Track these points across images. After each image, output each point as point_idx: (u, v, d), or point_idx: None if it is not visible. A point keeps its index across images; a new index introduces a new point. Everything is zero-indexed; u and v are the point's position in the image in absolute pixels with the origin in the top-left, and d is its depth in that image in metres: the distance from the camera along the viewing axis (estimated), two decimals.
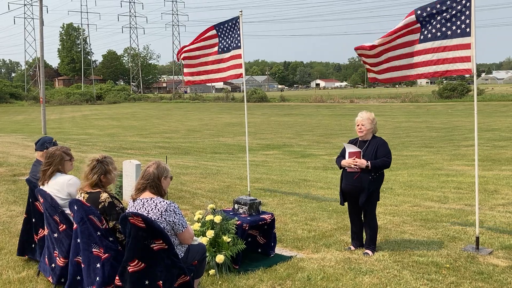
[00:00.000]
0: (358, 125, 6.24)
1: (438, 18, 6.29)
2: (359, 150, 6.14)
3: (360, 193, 6.10)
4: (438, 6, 6.30)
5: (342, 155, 6.32)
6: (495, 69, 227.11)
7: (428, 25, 6.36)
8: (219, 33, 8.98)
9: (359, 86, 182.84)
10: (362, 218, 6.37)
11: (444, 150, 19.63)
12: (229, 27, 8.91)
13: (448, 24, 6.23)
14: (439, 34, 6.29)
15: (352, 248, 6.42)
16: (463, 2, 6.15)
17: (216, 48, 9.08)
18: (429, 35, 6.35)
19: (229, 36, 8.91)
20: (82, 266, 4.46)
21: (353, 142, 6.34)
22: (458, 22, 6.17)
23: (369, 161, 6.00)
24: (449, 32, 6.24)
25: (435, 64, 6.36)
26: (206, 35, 9.08)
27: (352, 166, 6.12)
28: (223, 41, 8.99)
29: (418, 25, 6.43)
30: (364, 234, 6.42)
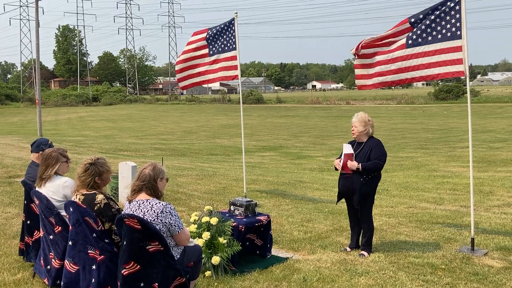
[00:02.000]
0: (352, 127, 6.29)
1: (428, 22, 6.31)
2: (352, 152, 6.17)
3: (353, 195, 6.13)
4: (430, 11, 6.33)
5: (340, 156, 6.36)
6: (491, 70, 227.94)
7: (418, 30, 6.38)
8: (208, 36, 9.04)
9: (355, 87, 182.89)
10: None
11: (440, 151, 19.68)
12: (221, 30, 8.94)
13: (439, 28, 6.25)
14: (429, 38, 6.31)
15: (348, 249, 6.43)
16: (452, 5, 6.17)
17: (206, 50, 9.11)
18: (419, 40, 6.37)
19: (222, 38, 8.93)
20: (75, 268, 4.45)
21: (352, 143, 6.37)
22: (448, 26, 6.20)
23: (359, 164, 6.02)
24: (439, 36, 6.26)
25: (426, 68, 6.37)
26: (195, 39, 9.17)
27: (337, 167, 6.21)
28: (214, 44, 9.02)
29: (404, 40, 6.46)
30: (360, 235, 6.44)
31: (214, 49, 9.03)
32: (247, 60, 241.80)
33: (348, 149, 6.22)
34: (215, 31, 8.99)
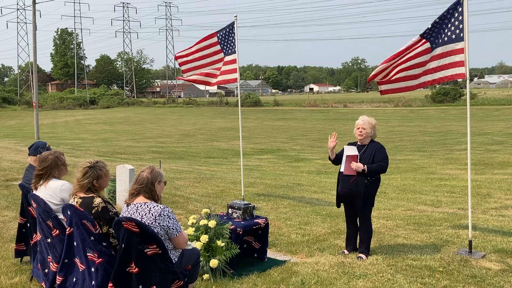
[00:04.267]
0: (358, 128, 6.26)
1: (438, 26, 6.34)
2: (357, 154, 6.16)
3: (356, 197, 6.13)
4: (437, 20, 6.35)
5: (339, 156, 6.36)
6: (488, 73, 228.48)
7: (431, 37, 6.40)
8: (219, 40, 9.01)
9: (353, 90, 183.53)
10: (358, 222, 6.40)
11: (437, 154, 19.72)
12: (226, 33, 8.96)
13: (446, 31, 6.28)
14: (439, 41, 6.34)
15: (346, 252, 6.43)
16: (457, 7, 6.21)
17: (222, 55, 9.06)
18: (433, 45, 6.39)
19: (226, 42, 8.95)
20: (80, 270, 4.45)
21: (352, 144, 6.36)
22: (453, 28, 6.23)
23: (365, 165, 6.02)
24: (446, 38, 6.29)
25: (434, 72, 6.39)
26: (207, 42, 9.08)
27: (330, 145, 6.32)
28: (223, 47, 9.02)
29: (428, 44, 6.42)
30: (358, 238, 6.44)
31: (224, 51, 9.01)
32: (245, 63, 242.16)
33: (352, 150, 6.21)
34: (222, 34, 8.98)
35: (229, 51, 8.92)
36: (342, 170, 6.27)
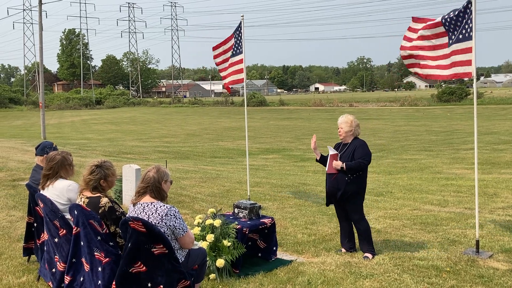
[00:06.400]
0: (338, 128, 6.40)
1: (453, 23, 6.34)
2: (336, 152, 6.29)
3: (338, 194, 6.18)
4: (454, 12, 6.34)
5: (325, 156, 6.53)
6: (494, 72, 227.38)
7: (449, 31, 6.40)
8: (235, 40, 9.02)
9: (358, 89, 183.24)
10: (350, 220, 6.44)
11: (444, 153, 19.63)
12: (234, 34, 8.97)
13: (459, 29, 6.27)
14: (453, 38, 6.33)
15: (343, 250, 6.45)
16: (467, 5, 6.19)
17: (229, 55, 9.09)
18: (450, 41, 6.39)
19: (234, 43, 8.95)
20: (86, 270, 4.46)
21: (339, 144, 6.50)
22: (466, 26, 6.22)
23: (344, 163, 6.07)
24: (458, 37, 6.28)
25: (443, 68, 6.38)
26: (228, 44, 9.10)
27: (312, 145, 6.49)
28: (232, 49, 9.03)
29: (443, 29, 6.45)
30: (357, 237, 6.46)
31: (233, 51, 9.02)
32: (250, 63, 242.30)
33: (332, 150, 6.39)
34: (235, 35, 8.98)
35: (236, 51, 8.92)
36: (327, 169, 6.35)
